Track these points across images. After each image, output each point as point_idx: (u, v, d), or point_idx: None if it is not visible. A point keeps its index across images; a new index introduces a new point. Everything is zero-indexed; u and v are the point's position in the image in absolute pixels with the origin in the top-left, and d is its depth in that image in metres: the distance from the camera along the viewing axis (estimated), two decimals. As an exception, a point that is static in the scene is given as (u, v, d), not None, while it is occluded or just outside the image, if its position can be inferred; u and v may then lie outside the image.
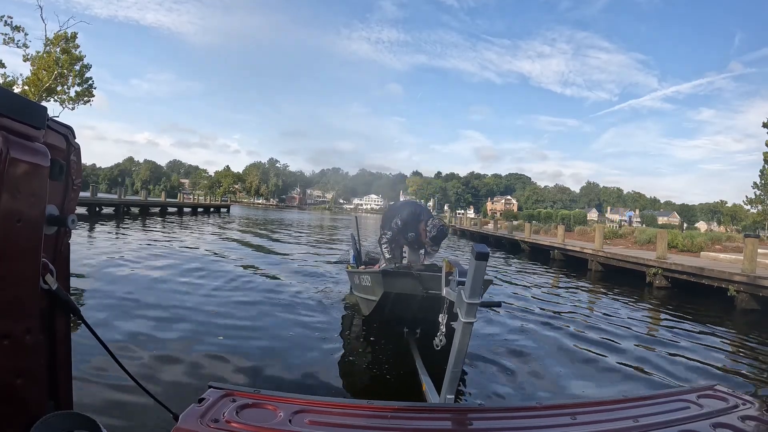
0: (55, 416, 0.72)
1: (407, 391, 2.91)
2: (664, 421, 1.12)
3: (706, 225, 79.32)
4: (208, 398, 1.05)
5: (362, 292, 4.20)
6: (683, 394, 1.30)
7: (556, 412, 1.18)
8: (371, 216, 65.37)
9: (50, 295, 0.77)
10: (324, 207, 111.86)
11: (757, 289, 7.34)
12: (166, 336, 3.66)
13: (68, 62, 22.52)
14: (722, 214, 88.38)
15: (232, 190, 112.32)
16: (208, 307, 4.75)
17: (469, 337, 1.82)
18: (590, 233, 19.56)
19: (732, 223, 73.49)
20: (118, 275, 6.09)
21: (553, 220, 43.57)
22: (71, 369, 0.86)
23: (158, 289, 5.42)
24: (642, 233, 17.11)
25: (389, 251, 4.21)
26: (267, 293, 5.72)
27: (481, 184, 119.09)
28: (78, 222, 0.85)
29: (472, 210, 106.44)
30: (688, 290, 9.05)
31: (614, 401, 1.27)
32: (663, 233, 11.03)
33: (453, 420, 1.16)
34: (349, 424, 1.04)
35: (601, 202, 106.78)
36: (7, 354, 0.65)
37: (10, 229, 0.63)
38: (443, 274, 2.40)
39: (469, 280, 1.74)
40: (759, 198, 27.33)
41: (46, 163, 0.68)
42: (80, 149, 0.85)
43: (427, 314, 3.24)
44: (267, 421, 0.99)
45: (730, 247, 13.81)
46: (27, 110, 0.67)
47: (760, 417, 1.15)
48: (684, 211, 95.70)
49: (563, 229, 16.79)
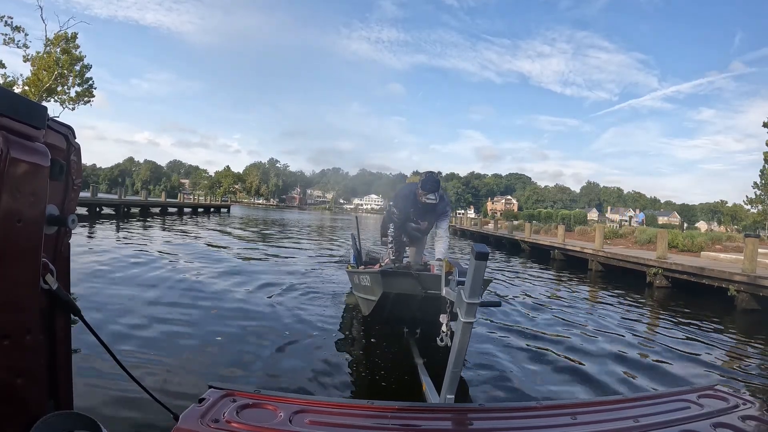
0: (55, 416, 0.72)
1: (407, 391, 2.91)
2: (664, 421, 1.12)
3: (706, 225, 79.25)
4: (208, 398, 1.05)
5: (362, 292, 4.20)
6: (684, 394, 1.30)
7: (557, 412, 1.18)
8: (371, 216, 65.38)
9: (50, 295, 0.77)
10: (324, 207, 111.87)
11: (758, 288, 7.33)
12: (166, 336, 3.66)
13: (68, 62, 22.53)
14: (722, 214, 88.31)
15: (232, 190, 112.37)
16: (206, 306, 4.76)
17: (469, 336, 1.81)
18: (590, 233, 19.55)
19: (732, 223, 73.42)
20: (118, 275, 6.09)
21: (554, 220, 43.50)
22: (71, 369, 0.86)
23: (158, 289, 5.42)
24: (642, 233, 17.10)
25: (394, 251, 4.22)
26: (267, 294, 5.72)
27: (482, 184, 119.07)
28: (78, 222, 0.85)
29: (472, 210, 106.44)
30: (689, 290, 9.04)
31: (614, 401, 1.27)
32: (663, 233, 11.02)
33: (453, 420, 1.16)
34: (349, 424, 1.04)
35: (602, 202, 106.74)
36: (7, 354, 0.65)
37: (11, 229, 0.63)
38: (443, 274, 2.40)
39: (468, 280, 1.74)
40: (759, 198, 27.30)
41: (46, 163, 0.68)
42: (80, 149, 0.85)
43: (427, 314, 3.24)
44: (267, 421, 0.99)
45: (731, 247, 13.80)
46: (27, 110, 0.67)
47: (761, 417, 1.15)
48: (684, 211, 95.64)
49: (563, 229, 16.77)
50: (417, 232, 4.22)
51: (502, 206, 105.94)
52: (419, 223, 4.10)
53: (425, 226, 4.15)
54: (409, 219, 4.08)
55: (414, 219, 4.08)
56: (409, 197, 3.99)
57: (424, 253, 4.64)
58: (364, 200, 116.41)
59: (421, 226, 4.13)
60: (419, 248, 4.55)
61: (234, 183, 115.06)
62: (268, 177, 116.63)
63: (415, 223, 4.10)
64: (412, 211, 4.02)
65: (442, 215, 4.03)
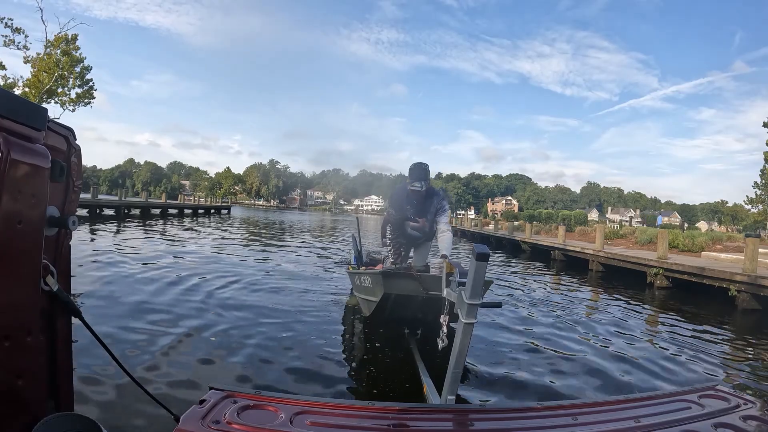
0: (55, 417, 0.72)
1: (408, 392, 2.91)
2: (665, 422, 1.12)
3: (706, 225, 79.16)
4: (209, 399, 1.05)
5: (363, 293, 4.20)
6: (685, 394, 1.30)
7: (557, 413, 1.17)
8: (372, 217, 65.37)
9: (51, 296, 0.77)
10: (324, 208, 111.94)
11: (759, 288, 7.32)
12: (166, 337, 3.65)
13: (69, 64, 22.55)
14: (723, 214, 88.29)
15: (232, 191, 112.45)
16: (208, 308, 4.75)
17: (470, 337, 1.81)
18: (591, 233, 19.55)
19: (733, 223, 73.39)
20: (118, 275, 6.09)
21: (554, 221, 43.50)
22: (72, 370, 0.86)
23: (158, 290, 5.42)
24: (643, 233, 17.09)
25: (393, 253, 4.22)
26: (268, 294, 5.72)
27: (482, 184, 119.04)
28: (78, 223, 0.85)
29: (472, 210, 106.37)
30: (689, 290, 9.03)
31: (615, 401, 1.27)
32: (664, 233, 11.01)
33: (454, 421, 1.16)
34: (350, 426, 1.04)
35: (602, 202, 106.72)
36: (8, 355, 0.65)
37: (11, 231, 0.63)
38: (443, 275, 2.40)
39: (469, 281, 1.74)
40: (760, 198, 27.26)
41: (46, 165, 0.68)
42: (81, 150, 0.85)
43: (428, 315, 3.24)
44: (268, 422, 0.99)
45: (731, 246, 13.79)
46: (28, 112, 0.67)
47: (762, 417, 1.15)
48: (685, 211, 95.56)
49: (564, 230, 16.78)
50: (416, 231, 4.08)
51: (502, 207, 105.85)
52: (417, 220, 4.01)
53: (423, 224, 4.01)
54: (406, 217, 4.02)
55: (411, 216, 4.01)
56: (402, 194, 4.01)
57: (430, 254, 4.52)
58: (364, 201, 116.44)
59: (419, 223, 4.02)
60: (423, 251, 4.44)
61: (234, 184, 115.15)
62: (268, 178, 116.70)
63: (413, 221, 4.03)
64: (408, 208, 3.98)
65: (439, 210, 3.96)
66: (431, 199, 3.92)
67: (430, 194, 3.92)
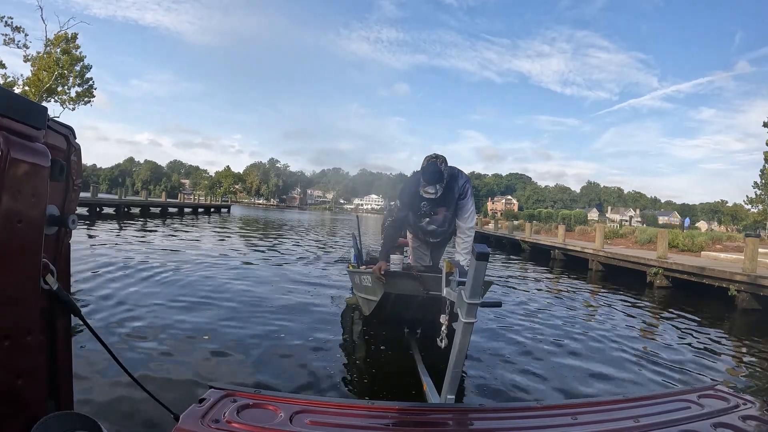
0: (55, 417, 0.72)
1: (408, 391, 2.91)
2: (664, 421, 1.12)
3: (706, 224, 79.20)
4: (208, 398, 1.05)
5: (363, 292, 4.20)
6: (684, 394, 1.30)
7: (557, 412, 1.18)
8: (372, 216, 65.35)
9: (51, 295, 0.77)
10: (324, 207, 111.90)
11: (758, 288, 7.33)
12: (166, 337, 3.66)
13: (69, 63, 22.55)
14: (723, 214, 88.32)
15: (232, 190, 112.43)
16: (208, 306, 4.76)
17: (470, 337, 1.81)
18: (591, 233, 19.54)
19: (732, 223, 73.38)
20: (117, 274, 6.09)
21: (554, 220, 43.53)
22: (72, 369, 0.86)
23: (158, 289, 5.42)
24: (642, 233, 17.10)
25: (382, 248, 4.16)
26: (267, 293, 5.72)
27: (482, 184, 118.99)
28: (78, 222, 0.85)
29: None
30: (689, 290, 9.03)
31: (615, 401, 1.27)
32: (663, 233, 11.02)
33: (454, 420, 1.16)
34: (349, 425, 1.04)
35: (602, 202, 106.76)
36: (8, 354, 0.65)
37: (11, 230, 0.63)
38: (444, 275, 2.39)
39: (469, 281, 1.74)
40: (759, 197, 27.29)
41: (46, 164, 0.68)
42: (81, 149, 0.85)
43: (428, 315, 3.24)
44: (267, 421, 1.00)
45: (731, 246, 13.79)
46: (27, 111, 0.67)
47: (761, 417, 1.15)
48: (685, 211, 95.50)
49: (564, 229, 16.78)
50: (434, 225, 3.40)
51: (502, 206, 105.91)
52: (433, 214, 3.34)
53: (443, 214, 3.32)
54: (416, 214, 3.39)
55: (426, 212, 3.33)
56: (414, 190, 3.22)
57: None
58: (364, 200, 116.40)
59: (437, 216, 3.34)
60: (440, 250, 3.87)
61: (234, 183, 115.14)
62: (268, 177, 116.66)
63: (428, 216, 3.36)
64: (424, 204, 3.27)
65: (461, 197, 3.21)
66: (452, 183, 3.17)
67: (451, 179, 3.16)
